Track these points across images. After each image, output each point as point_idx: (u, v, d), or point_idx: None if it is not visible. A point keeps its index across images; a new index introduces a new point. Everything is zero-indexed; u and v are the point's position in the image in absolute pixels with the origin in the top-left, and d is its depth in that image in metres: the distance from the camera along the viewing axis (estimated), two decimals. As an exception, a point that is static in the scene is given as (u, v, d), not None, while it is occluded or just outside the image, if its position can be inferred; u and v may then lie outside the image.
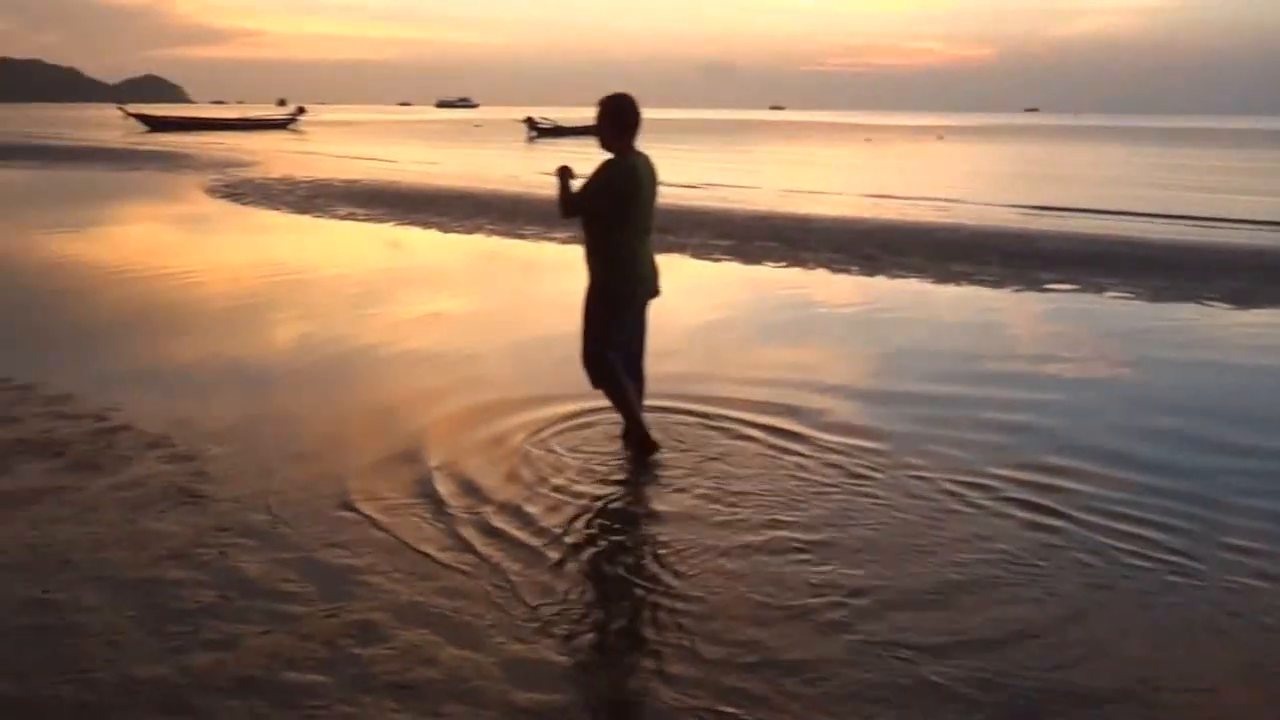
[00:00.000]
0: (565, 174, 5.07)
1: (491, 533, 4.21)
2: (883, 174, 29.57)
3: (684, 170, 25.73)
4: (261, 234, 15.00)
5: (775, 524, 4.32)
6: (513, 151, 39.66)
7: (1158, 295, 10.33)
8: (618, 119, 4.96)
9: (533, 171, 27.00)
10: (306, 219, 16.42)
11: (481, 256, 13.12)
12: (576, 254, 5.46)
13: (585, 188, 4.97)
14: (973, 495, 4.71)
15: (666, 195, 6.77)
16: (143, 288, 9.97)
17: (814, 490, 4.71)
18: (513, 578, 3.82)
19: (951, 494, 4.72)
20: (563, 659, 3.30)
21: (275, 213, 17.18)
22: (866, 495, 4.67)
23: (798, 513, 4.44)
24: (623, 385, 5.15)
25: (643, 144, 5.12)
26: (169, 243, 13.78)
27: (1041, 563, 4.01)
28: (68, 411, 5.72)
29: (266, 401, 6.12)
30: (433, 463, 5.00)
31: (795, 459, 5.10)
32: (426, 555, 4.00)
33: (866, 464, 5.06)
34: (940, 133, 73.86)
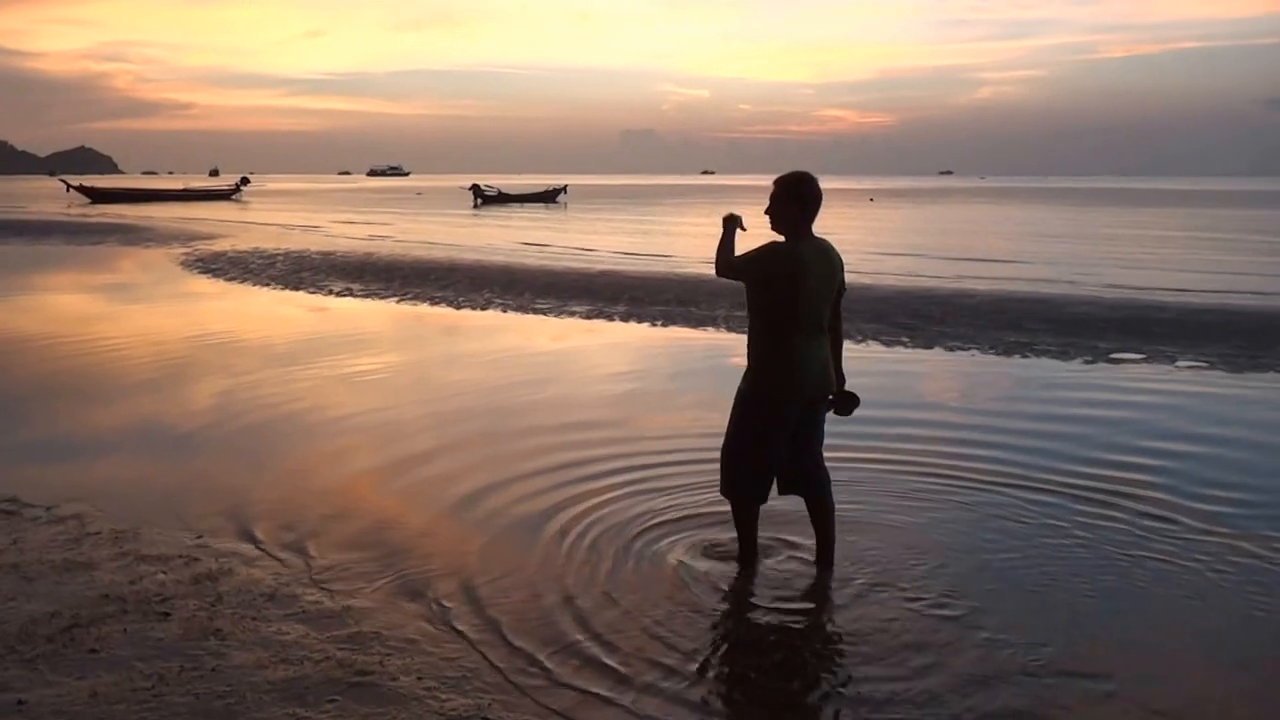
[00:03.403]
0: (734, 222, 4.51)
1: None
2: (843, 236, 28.96)
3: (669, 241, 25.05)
4: (283, 317, 13.91)
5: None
6: (463, 219, 38.92)
7: (1232, 364, 9.88)
8: (789, 200, 4.31)
9: (501, 239, 26.30)
10: (302, 295, 15.41)
11: (548, 337, 11.85)
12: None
13: (742, 256, 4.35)
14: None
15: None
16: (174, 391, 8.94)
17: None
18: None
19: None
20: None
21: (266, 289, 16.12)
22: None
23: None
24: (746, 506, 4.51)
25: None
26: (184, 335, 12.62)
27: None
28: (148, 553, 4.73)
29: (416, 536, 5.08)
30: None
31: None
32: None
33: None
34: (871, 195, 75.04)
